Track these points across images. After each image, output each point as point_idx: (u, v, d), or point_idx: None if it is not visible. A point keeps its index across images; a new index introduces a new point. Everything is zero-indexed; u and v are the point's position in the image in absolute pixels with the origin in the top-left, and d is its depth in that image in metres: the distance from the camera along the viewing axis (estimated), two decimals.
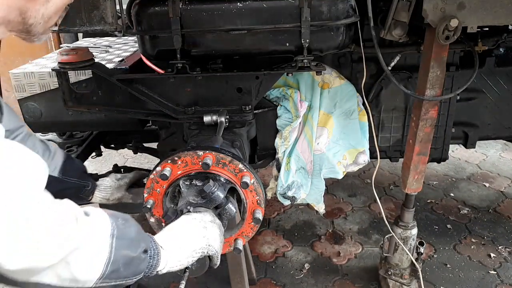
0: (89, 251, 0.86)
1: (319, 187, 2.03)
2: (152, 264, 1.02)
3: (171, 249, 1.08)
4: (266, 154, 2.10)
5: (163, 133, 2.04)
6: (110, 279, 0.90)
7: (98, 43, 2.51)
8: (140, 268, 0.99)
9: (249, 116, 1.74)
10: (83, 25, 1.42)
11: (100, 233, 0.90)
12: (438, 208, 2.96)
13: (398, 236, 1.97)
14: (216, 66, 1.69)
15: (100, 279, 0.88)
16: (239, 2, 1.50)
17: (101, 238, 0.90)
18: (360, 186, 3.28)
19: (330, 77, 1.92)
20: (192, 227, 1.18)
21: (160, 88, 1.71)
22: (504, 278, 2.30)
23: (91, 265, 0.86)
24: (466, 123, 2.19)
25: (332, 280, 2.33)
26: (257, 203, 1.41)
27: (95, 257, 0.87)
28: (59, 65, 1.61)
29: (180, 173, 1.39)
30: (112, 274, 0.90)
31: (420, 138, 1.69)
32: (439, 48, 1.51)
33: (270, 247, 2.63)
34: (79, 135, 2.33)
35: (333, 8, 1.51)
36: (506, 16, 1.42)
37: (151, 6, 1.52)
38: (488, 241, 2.59)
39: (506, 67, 2.08)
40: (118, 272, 0.92)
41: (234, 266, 1.90)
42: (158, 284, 2.33)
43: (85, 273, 0.85)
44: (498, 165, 3.51)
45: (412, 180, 1.79)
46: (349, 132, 1.99)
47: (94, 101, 1.78)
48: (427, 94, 1.59)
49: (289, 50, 1.59)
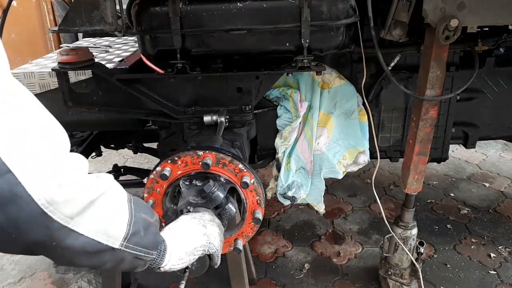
0: (114, 199, 0.87)
1: (319, 187, 2.03)
2: (158, 261, 1.01)
3: (172, 247, 1.08)
4: (266, 154, 2.10)
5: (163, 133, 2.04)
6: (133, 245, 0.90)
7: (98, 43, 2.51)
8: (156, 239, 0.99)
9: (249, 116, 1.74)
10: (83, 25, 1.42)
11: (120, 190, 0.91)
12: (438, 208, 2.96)
13: (398, 236, 1.97)
14: (216, 66, 1.69)
15: (125, 240, 0.87)
16: (239, 2, 1.50)
17: (121, 194, 0.91)
18: (360, 186, 3.28)
19: (330, 77, 1.92)
20: (192, 226, 1.18)
21: (160, 88, 1.71)
22: (504, 278, 2.30)
23: (117, 218, 0.87)
24: (466, 123, 2.19)
25: (332, 280, 2.33)
26: (257, 203, 1.41)
27: (119, 211, 0.88)
28: (59, 65, 1.61)
29: (180, 173, 1.39)
30: (134, 237, 0.90)
31: (420, 138, 1.69)
32: (439, 48, 1.51)
33: (270, 247, 2.63)
34: (79, 135, 2.33)
35: (333, 8, 1.51)
36: (506, 16, 1.43)
37: (151, 6, 1.52)
38: (488, 241, 2.59)
39: (506, 67, 2.08)
40: (139, 236, 0.91)
41: (234, 266, 1.90)
42: (158, 284, 2.33)
43: (113, 224, 0.85)
44: (498, 165, 3.51)
45: (412, 180, 1.79)
46: (349, 132, 1.99)
47: (94, 101, 1.78)
48: (427, 94, 1.59)
49: (289, 50, 1.59)
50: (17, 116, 0.71)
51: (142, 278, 2.35)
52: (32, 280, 2.42)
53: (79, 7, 1.40)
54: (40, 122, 0.76)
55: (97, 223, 0.82)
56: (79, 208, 0.78)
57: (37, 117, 0.75)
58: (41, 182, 0.71)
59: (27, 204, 0.70)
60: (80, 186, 0.78)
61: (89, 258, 0.83)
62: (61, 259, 0.81)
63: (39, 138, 0.73)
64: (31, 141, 0.71)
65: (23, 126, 0.71)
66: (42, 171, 0.71)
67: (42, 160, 0.72)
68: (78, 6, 1.40)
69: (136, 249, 0.91)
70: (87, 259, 0.83)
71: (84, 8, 1.40)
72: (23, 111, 0.72)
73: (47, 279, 2.41)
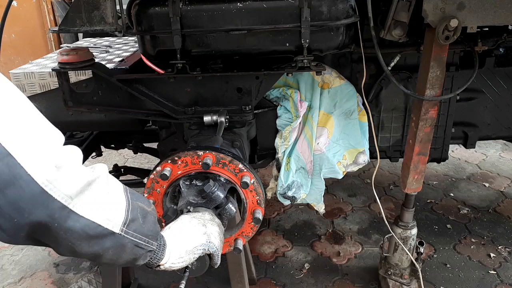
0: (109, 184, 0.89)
1: (319, 187, 2.03)
2: (158, 254, 1.02)
3: (172, 246, 1.08)
4: (266, 154, 2.11)
5: (163, 133, 2.04)
6: (133, 231, 0.91)
7: (98, 43, 2.51)
8: (156, 228, 1.00)
9: (249, 116, 1.74)
10: (83, 25, 1.43)
11: (114, 179, 0.94)
12: (438, 208, 2.96)
13: (398, 236, 1.97)
14: (216, 66, 1.69)
15: (124, 225, 0.89)
16: (239, 2, 1.50)
17: (116, 182, 0.93)
18: (360, 186, 3.28)
19: (330, 77, 1.92)
20: (192, 225, 1.18)
21: (160, 88, 1.71)
22: (504, 278, 2.30)
23: (115, 202, 0.89)
24: (466, 123, 2.20)
25: (332, 280, 2.34)
26: (257, 203, 1.41)
27: (116, 195, 0.90)
28: (59, 65, 1.62)
29: (180, 173, 1.39)
30: (133, 224, 0.91)
31: (420, 138, 1.69)
32: (439, 48, 1.51)
33: (270, 247, 2.63)
34: (79, 135, 2.33)
35: (333, 8, 1.51)
36: (506, 16, 1.43)
37: (151, 6, 1.52)
38: (488, 241, 2.59)
39: (506, 67, 2.08)
40: (138, 223, 0.93)
41: (234, 266, 1.90)
42: (158, 284, 2.33)
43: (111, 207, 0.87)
44: (498, 165, 3.52)
45: (412, 180, 1.79)
46: (349, 132, 1.99)
47: (94, 101, 1.78)
48: (427, 94, 1.59)
49: (289, 50, 1.59)
50: (13, 108, 0.74)
51: (142, 278, 2.35)
52: (32, 280, 2.42)
53: (79, 7, 1.40)
54: (36, 116, 0.79)
55: (95, 204, 0.83)
56: (77, 188, 0.80)
57: (32, 112, 0.79)
58: (40, 162, 0.74)
59: (27, 184, 0.72)
60: (76, 168, 0.82)
61: (90, 244, 0.84)
62: (64, 245, 0.82)
63: (36, 127, 0.77)
64: (28, 129, 0.75)
65: (20, 117, 0.75)
66: (40, 153, 0.75)
67: (39, 144, 0.76)
68: (78, 6, 1.40)
69: (136, 236, 0.92)
70: (89, 245, 0.84)
71: (84, 8, 1.40)
72: (19, 106, 0.76)
73: (47, 279, 2.41)
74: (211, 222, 1.23)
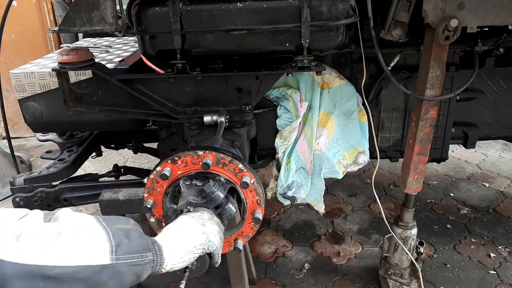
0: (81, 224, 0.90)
1: (319, 187, 2.03)
2: (158, 260, 1.01)
3: (172, 247, 1.08)
4: (266, 154, 2.11)
5: (163, 133, 2.04)
6: (123, 255, 0.90)
7: (98, 43, 2.51)
8: (144, 241, 0.99)
9: (249, 116, 1.74)
10: (83, 25, 1.42)
11: (83, 215, 0.94)
12: (438, 208, 2.96)
13: (398, 236, 1.97)
14: (216, 66, 1.69)
15: (113, 253, 0.88)
16: (239, 2, 1.50)
17: (87, 218, 0.93)
18: (360, 186, 3.28)
19: (330, 77, 1.92)
20: (190, 225, 1.18)
21: (160, 88, 1.71)
22: (504, 278, 2.30)
23: (93, 237, 0.88)
24: (466, 123, 2.20)
25: (332, 280, 2.34)
26: (257, 203, 1.41)
27: (92, 231, 0.90)
28: (59, 65, 1.61)
29: (180, 173, 1.39)
30: (120, 248, 0.90)
31: (420, 138, 1.69)
32: (439, 48, 1.51)
33: (270, 247, 2.63)
34: (79, 135, 2.33)
35: (333, 8, 1.51)
36: (506, 16, 1.42)
37: (151, 6, 1.52)
38: (488, 241, 2.59)
39: (506, 67, 2.08)
40: (124, 245, 0.91)
41: (234, 266, 1.90)
42: (158, 284, 2.33)
43: (91, 244, 0.86)
44: (498, 165, 3.52)
45: (412, 180, 1.79)
46: (349, 132, 1.99)
47: (94, 101, 1.78)
48: (427, 94, 1.59)
49: (289, 50, 1.59)
50: None
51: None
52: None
53: (79, 7, 1.40)
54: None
55: (74, 249, 0.83)
56: (48, 244, 0.80)
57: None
58: None
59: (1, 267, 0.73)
60: (38, 227, 0.82)
61: (88, 285, 0.84)
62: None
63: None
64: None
65: None
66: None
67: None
68: (78, 6, 1.40)
69: (129, 257, 0.91)
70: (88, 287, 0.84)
71: (84, 8, 1.40)
72: None
73: None
74: (210, 221, 1.23)
